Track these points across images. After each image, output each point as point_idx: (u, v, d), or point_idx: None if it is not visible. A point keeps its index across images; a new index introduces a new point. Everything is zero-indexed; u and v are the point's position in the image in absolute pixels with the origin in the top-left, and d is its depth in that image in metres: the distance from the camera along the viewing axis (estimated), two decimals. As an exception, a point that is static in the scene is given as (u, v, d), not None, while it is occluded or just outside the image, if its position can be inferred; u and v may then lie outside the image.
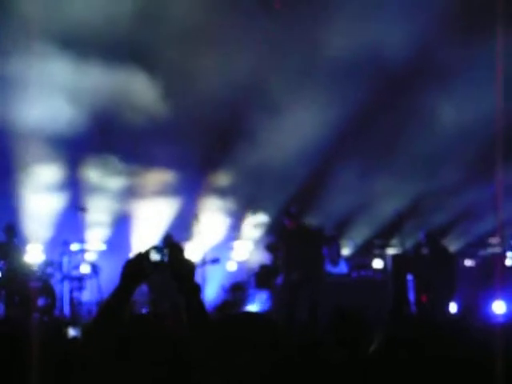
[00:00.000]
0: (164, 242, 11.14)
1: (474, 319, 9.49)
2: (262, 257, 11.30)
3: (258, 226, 13.90)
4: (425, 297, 10.60)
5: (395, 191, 13.07)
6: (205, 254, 11.43)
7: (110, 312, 2.61)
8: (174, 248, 2.72)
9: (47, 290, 10.66)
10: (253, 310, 10.57)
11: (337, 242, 10.55)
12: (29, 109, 11.63)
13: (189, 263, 2.71)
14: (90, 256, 11.97)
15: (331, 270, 10.58)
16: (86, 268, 11.46)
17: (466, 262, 12.03)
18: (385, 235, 13.40)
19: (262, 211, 13.92)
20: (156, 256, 2.67)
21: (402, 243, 13.04)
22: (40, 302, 10.46)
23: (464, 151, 13.03)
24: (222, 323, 2.14)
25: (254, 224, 13.92)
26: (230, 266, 13.09)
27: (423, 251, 10.97)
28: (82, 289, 11.18)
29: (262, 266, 11.16)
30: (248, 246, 13.46)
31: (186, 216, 12.52)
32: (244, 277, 12.48)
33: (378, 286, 11.04)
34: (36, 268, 10.78)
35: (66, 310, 10.94)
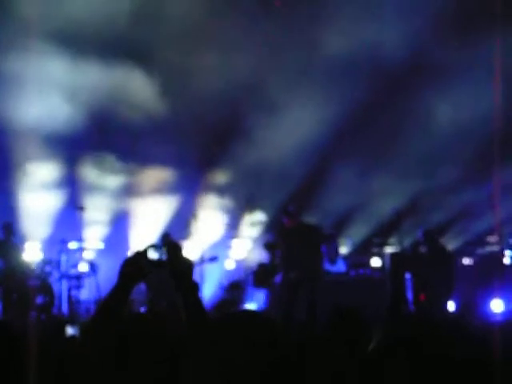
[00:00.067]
0: (162, 240, 11.14)
1: (472, 318, 9.48)
2: (260, 255, 11.30)
3: (256, 224, 13.90)
4: (423, 295, 10.60)
5: (393, 190, 13.08)
6: (203, 253, 11.44)
7: (108, 310, 2.61)
8: (172, 246, 2.71)
9: (45, 289, 10.65)
10: (251, 309, 10.56)
11: (335, 241, 10.54)
12: (26, 107, 11.62)
13: (187, 262, 2.70)
14: (88, 254, 11.97)
15: (329, 268, 10.58)
16: (84, 266, 11.45)
17: (464, 261, 12.03)
18: (383, 234, 13.41)
19: (260, 209, 13.91)
20: (154, 254, 2.66)
21: (400, 242, 13.05)
22: (38, 301, 10.45)
23: (462, 150, 13.03)
24: (220, 322, 2.13)
25: (252, 222, 13.91)
26: (228, 264, 13.09)
27: (421, 250, 10.96)
28: (80, 287, 11.18)
29: (260, 265, 11.15)
30: (246, 245, 13.45)
31: (184, 214, 12.52)
32: (242, 275, 12.47)
33: (376, 285, 11.05)
34: (34, 266, 10.77)
35: (64, 308, 10.93)
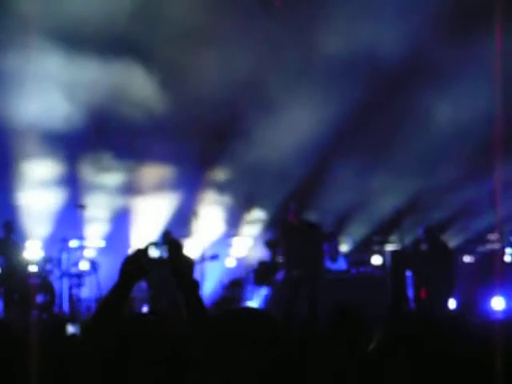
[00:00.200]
0: (163, 238, 11.13)
1: (473, 315, 9.47)
2: (261, 253, 11.30)
3: (256, 222, 13.90)
4: (424, 293, 10.59)
5: (394, 188, 13.07)
6: (204, 251, 11.43)
7: (108, 309, 2.61)
8: (173, 244, 2.71)
9: (46, 287, 10.65)
10: (252, 307, 10.57)
11: (336, 239, 10.54)
12: (25, 104, 11.61)
13: (188, 259, 2.70)
14: (89, 253, 11.97)
15: (330, 266, 10.59)
16: (84, 265, 11.45)
17: (465, 258, 12.03)
18: (384, 231, 13.41)
19: (261, 207, 13.91)
20: (155, 252, 2.66)
21: (400, 239, 13.05)
22: (39, 299, 10.45)
23: (462, 148, 13.02)
24: (221, 319, 2.13)
25: (253, 220, 13.91)
26: (229, 262, 13.09)
27: (422, 247, 10.95)
28: (80, 285, 11.17)
29: (261, 263, 11.15)
30: (247, 243, 13.45)
31: (185, 212, 12.52)
32: (243, 273, 12.47)
33: (376, 283, 11.05)
34: (35, 265, 10.76)
35: (65, 306, 10.93)
